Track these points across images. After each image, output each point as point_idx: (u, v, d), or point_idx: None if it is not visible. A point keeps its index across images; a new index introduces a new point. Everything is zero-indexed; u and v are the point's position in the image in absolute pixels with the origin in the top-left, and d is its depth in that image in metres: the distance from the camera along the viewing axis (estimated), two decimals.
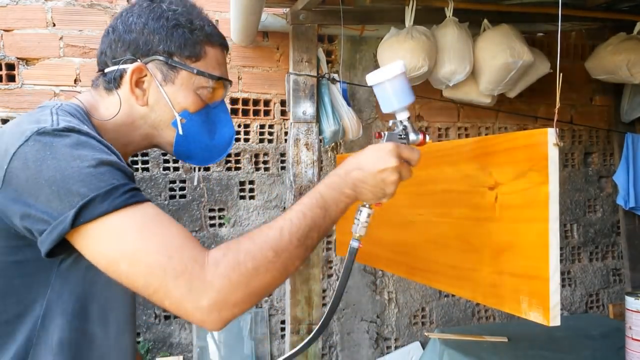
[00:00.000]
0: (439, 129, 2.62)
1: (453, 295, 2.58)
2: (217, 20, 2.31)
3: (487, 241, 1.16)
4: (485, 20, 2.30)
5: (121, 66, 0.85)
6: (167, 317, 2.25)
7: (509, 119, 2.68)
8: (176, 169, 2.26)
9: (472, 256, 1.21)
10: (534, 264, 1.02)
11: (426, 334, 2.05)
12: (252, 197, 2.36)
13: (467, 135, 2.66)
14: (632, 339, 1.38)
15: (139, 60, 0.86)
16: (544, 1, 2.39)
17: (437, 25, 2.23)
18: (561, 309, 2.78)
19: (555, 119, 1.13)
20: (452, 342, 1.69)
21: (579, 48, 2.80)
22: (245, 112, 2.35)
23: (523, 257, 1.05)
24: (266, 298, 2.37)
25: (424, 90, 2.41)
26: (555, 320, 0.98)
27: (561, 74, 1.07)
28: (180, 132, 0.89)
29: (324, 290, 2.40)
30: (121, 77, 0.86)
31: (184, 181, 2.27)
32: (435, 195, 1.37)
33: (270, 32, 2.33)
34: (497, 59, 2.19)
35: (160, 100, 0.87)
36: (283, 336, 2.34)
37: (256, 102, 2.37)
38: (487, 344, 1.66)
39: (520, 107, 2.66)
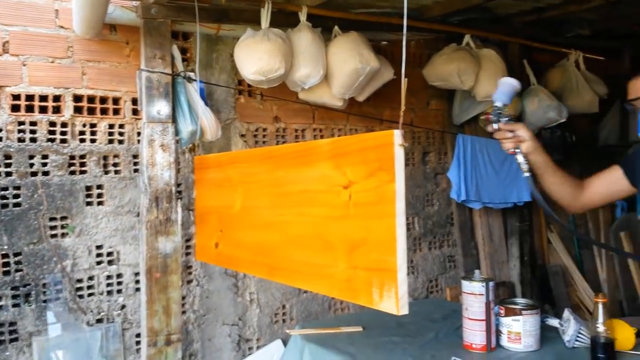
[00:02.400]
0: (296, 130, 2.69)
1: (311, 291, 2.67)
2: (56, 10, 2.09)
3: (342, 238, 1.22)
4: (336, 27, 2.42)
5: None
6: (1, 342, 1.99)
7: (359, 121, 2.84)
8: (8, 174, 2.01)
9: (329, 253, 1.25)
10: (384, 257, 1.08)
11: (287, 331, 2.09)
12: (100, 203, 2.19)
13: (322, 136, 2.76)
14: (469, 318, 1.55)
15: None
16: (388, 12, 2.59)
17: (292, 29, 2.29)
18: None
19: (400, 122, 1.22)
20: (312, 337, 1.74)
21: (417, 57, 3.07)
22: (92, 111, 2.17)
23: (374, 252, 1.11)
24: (119, 311, 2.22)
25: (281, 92, 2.45)
26: (403, 309, 1.05)
27: (406, 80, 1.17)
28: None
29: (183, 298, 2.31)
30: None
31: (18, 187, 2.02)
32: (295, 196, 1.40)
33: (119, 25, 2.18)
34: (347, 64, 2.31)
35: None
36: (139, 350, 2.21)
37: (104, 100, 2.20)
38: (343, 334, 1.74)
39: (368, 110, 2.84)
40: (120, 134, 2.22)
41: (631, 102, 1.62)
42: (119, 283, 2.22)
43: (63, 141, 2.11)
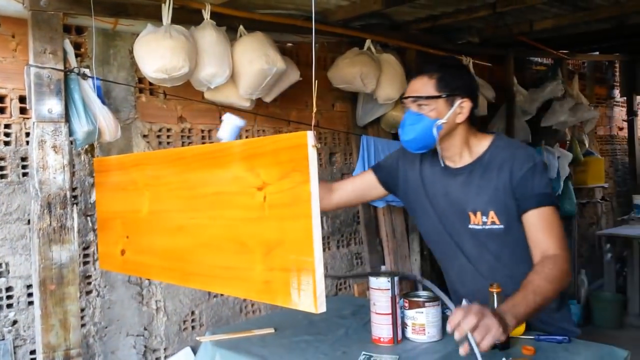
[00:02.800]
0: (202, 131, 2.62)
1: (222, 295, 2.62)
2: None
3: (258, 240, 1.21)
4: (242, 27, 2.40)
5: None
6: None
7: (267, 122, 2.84)
8: None
9: (245, 256, 1.24)
10: (301, 257, 1.10)
11: (197, 338, 2.04)
12: None
13: None
14: (376, 313, 1.60)
15: None
16: (293, 14, 2.61)
17: (195, 26, 2.23)
18: None
19: (313, 123, 1.25)
20: (223, 342, 1.71)
21: (322, 59, 3.12)
22: None
23: (291, 252, 1.12)
24: (9, 327, 2.03)
25: (186, 91, 2.38)
26: (322, 307, 1.08)
27: (316, 82, 1.19)
28: None
29: (82, 310, 2.17)
30: None
31: None
32: (207, 198, 1.37)
33: (3, 17, 1.99)
34: (253, 64, 2.30)
35: None
36: None
37: None
38: (256, 337, 1.73)
39: (275, 112, 2.85)
40: (7, 134, 2.04)
41: (403, 99, 1.67)
42: (9, 297, 2.03)
43: None
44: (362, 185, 1.90)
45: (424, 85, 1.60)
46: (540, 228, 1.54)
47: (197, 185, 1.40)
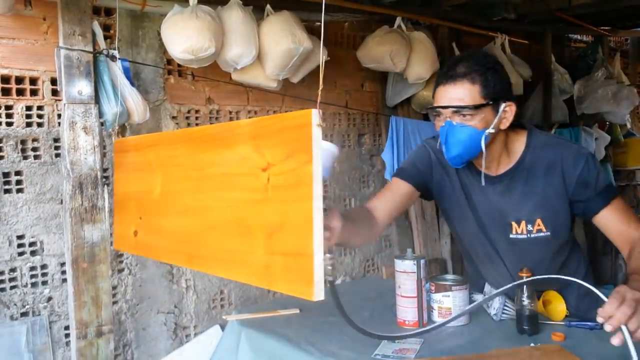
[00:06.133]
0: (230, 112, 2.62)
1: None
2: None
3: (260, 223, 1.15)
4: (268, 6, 2.37)
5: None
6: None
7: (294, 103, 2.82)
8: None
9: (247, 239, 1.19)
10: (301, 241, 1.03)
11: (224, 317, 2.07)
12: (20, 190, 2.05)
13: None
14: (401, 296, 1.58)
15: None
16: None
17: (222, 6, 2.22)
18: (344, 275, 3.06)
19: (318, 100, 1.20)
20: (249, 321, 1.73)
21: (351, 38, 3.07)
22: (7, 92, 2.01)
23: (292, 236, 1.06)
24: (45, 304, 2.10)
25: (214, 72, 2.38)
26: (319, 295, 1.00)
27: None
28: None
29: (114, 287, 2.22)
30: None
31: None
32: (215, 179, 1.32)
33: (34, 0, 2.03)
34: (280, 44, 2.27)
35: None
36: (68, 343, 2.11)
37: (20, 80, 2.05)
38: (281, 317, 1.74)
39: (302, 92, 2.82)
40: (39, 116, 2.08)
41: (438, 109, 1.46)
42: (44, 274, 2.10)
43: None
44: (402, 199, 1.65)
45: (468, 92, 1.40)
46: (618, 222, 1.45)
47: (206, 166, 1.35)
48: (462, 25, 3.29)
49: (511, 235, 1.55)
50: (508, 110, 1.45)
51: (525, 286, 1.45)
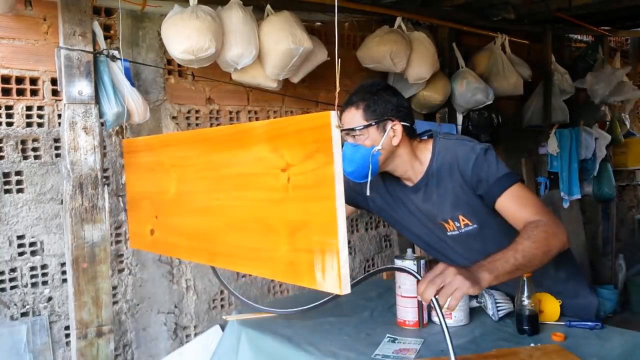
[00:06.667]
0: (230, 112, 2.62)
1: (250, 275, 2.65)
2: None
3: (283, 221, 1.20)
4: (269, 6, 2.37)
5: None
6: None
7: (294, 103, 2.82)
8: None
9: (270, 237, 1.24)
10: (326, 239, 1.08)
11: (224, 317, 2.06)
12: (20, 190, 2.05)
13: (257, 119, 2.71)
14: (401, 296, 1.59)
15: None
16: None
17: (222, 6, 2.22)
18: None
19: (336, 103, 1.22)
20: (249, 322, 1.73)
21: (352, 38, 3.07)
22: (7, 92, 2.01)
23: (316, 234, 1.11)
24: (45, 304, 2.10)
25: (214, 72, 2.38)
26: (346, 288, 1.06)
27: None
28: None
29: (114, 287, 2.22)
30: None
31: None
32: (231, 179, 1.37)
33: (35, 0, 2.03)
34: (280, 44, 2.27)
35: None
36: (68, 343, 2.11)
37: (20, 80, 2.05)
38: (281, 317, 1.74)
39: (303, 92, 2.82)
40: (40, 116, 2.08)
41: (342, 131, 1.57)
42: (44, 274, 2.10)
43: None
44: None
45: (353, 117, 1.58)
46: (515, 207, 1.52)
47: (222, 166, 1.40)
48: (462, 26, 3.29)
49: (448, 233, 1.65)
50: (396, 129, 1.57)
51: (525, 286, 1.46)
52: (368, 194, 1.57)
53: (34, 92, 2.07)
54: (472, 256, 1.55)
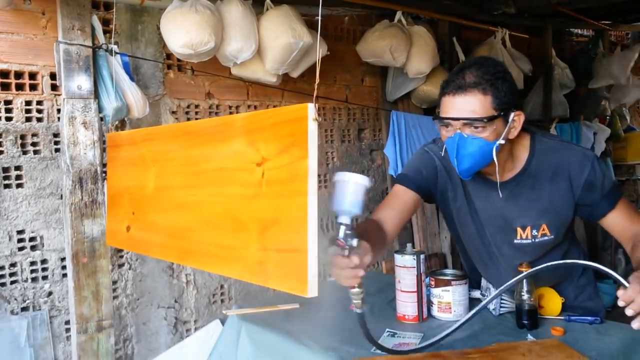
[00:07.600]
0: (230, 107, 2.62)
1: None
2: None
3: (254, 218, 1.14)
4: (268, 0, 2.36)
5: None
6: None
7: (294, 98, 2.81)
8: None
9: (241, 235, 1.18)
10: (295, 238, 1.02)
11: (224, 312, 2.06)
12: (20, 185, 2.05)
13: None
14: (401, 290, 1.59)
15: None
16: None
17: (221, 0, 2.21)
18: None
19: (315, 95, 1.19)
20: (249, 316, 1.73)
21: (351, 32, 3.06)
22: (6, 86, 2.01)
23: (286, 232, 1.05)
24: (45, 298, 2.10)
25: (213, 67, 2.38)
26: (312, 291, 0.99)
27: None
28: None
29: (114, 282, 2.23)
30: None
31: None
32: (209, 174, 1.31)
33: None
34: (280, 39, 2.26)
35: None
36: (68, 338, 2.11)
37: (19, 75, 2.04)
38: (280, 312, 1.74)
39: (303, 87, 2.82)
40: (39, 111, 2.08)
41: (447, 119, 1.39)
42: (44, 269, 2.10)
43: None
44: (408, 207, 1.61)
45: (480, 104, 1.33)
46: (625, 222, 1.46)
47: (200, 160, 1.34)
48: (462, 20, 3.28)
49: (515, 241, 1.54)
50: (517, 120, 1.39)
51: (525, 281, 1.46)
52: (501, 196, 1.46)
53: (33, 87, 2.07)
54: (515, 264, 1.48)
